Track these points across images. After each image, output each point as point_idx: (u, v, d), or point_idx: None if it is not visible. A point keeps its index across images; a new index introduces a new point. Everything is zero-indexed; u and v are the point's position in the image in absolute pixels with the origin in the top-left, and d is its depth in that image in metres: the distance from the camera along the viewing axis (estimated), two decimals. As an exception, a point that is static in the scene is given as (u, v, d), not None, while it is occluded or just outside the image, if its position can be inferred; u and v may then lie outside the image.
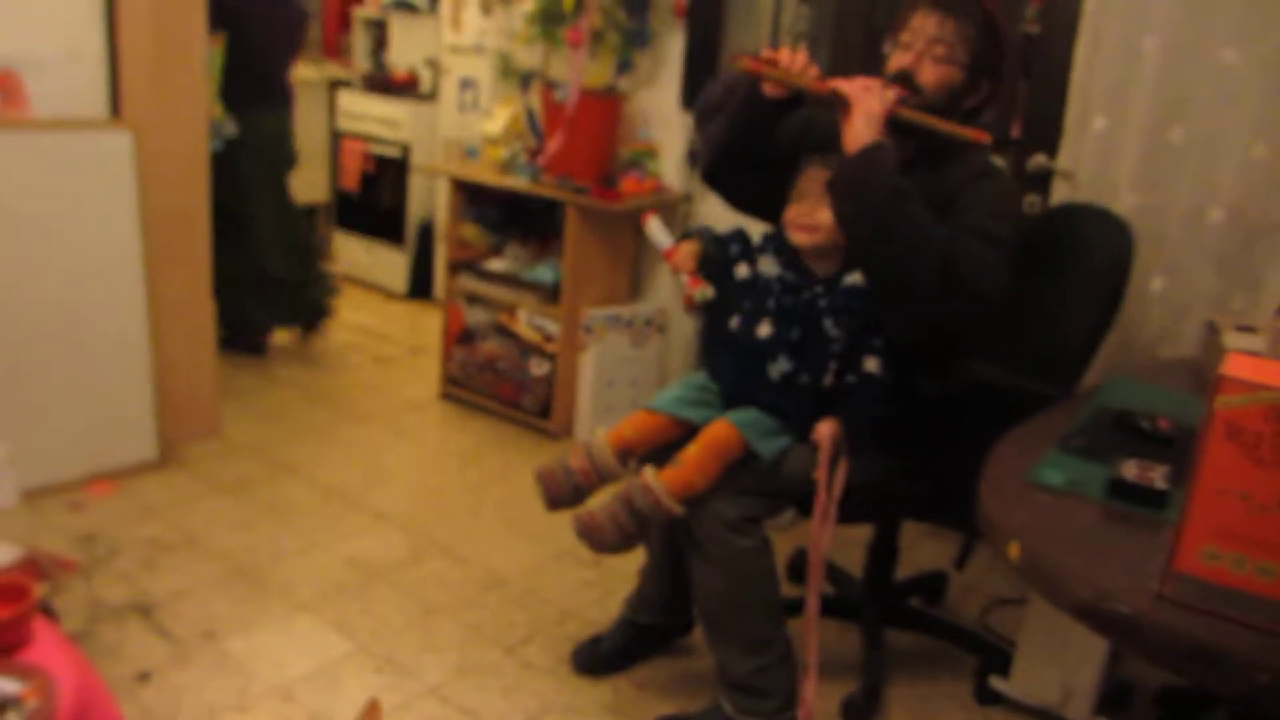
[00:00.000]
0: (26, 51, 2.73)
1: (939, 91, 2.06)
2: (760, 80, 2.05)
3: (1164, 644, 1.19)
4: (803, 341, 2.04)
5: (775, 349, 2.05)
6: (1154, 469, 1.51)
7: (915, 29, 2.06)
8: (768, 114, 2.09)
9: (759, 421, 2.04)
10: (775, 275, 2.09)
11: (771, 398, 2.06)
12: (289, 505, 3.02)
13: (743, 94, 2.09)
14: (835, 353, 2.04)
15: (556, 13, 3.54)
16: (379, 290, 5.30)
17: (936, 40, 2.04)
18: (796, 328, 2.04)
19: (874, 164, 1.93)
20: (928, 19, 2.04)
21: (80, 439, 2.98)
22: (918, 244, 1.88)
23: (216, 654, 2.32)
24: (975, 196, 2.01)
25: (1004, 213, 2.03)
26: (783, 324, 2.05)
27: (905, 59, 2.07)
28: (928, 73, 2.05)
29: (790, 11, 3.69)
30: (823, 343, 2.04)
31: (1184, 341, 2.57)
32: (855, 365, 2.05)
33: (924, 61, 2.05)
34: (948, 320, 1.92)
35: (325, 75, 5.63)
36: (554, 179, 3.58)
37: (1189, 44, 2.47)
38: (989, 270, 1.91)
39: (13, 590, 1.57)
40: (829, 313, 2.03)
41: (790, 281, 2.08)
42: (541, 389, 3.63)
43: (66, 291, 2.87)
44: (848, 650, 2.53)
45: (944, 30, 2.04)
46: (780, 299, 2.06)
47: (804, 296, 2.06)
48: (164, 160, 3.06)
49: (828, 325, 2.03)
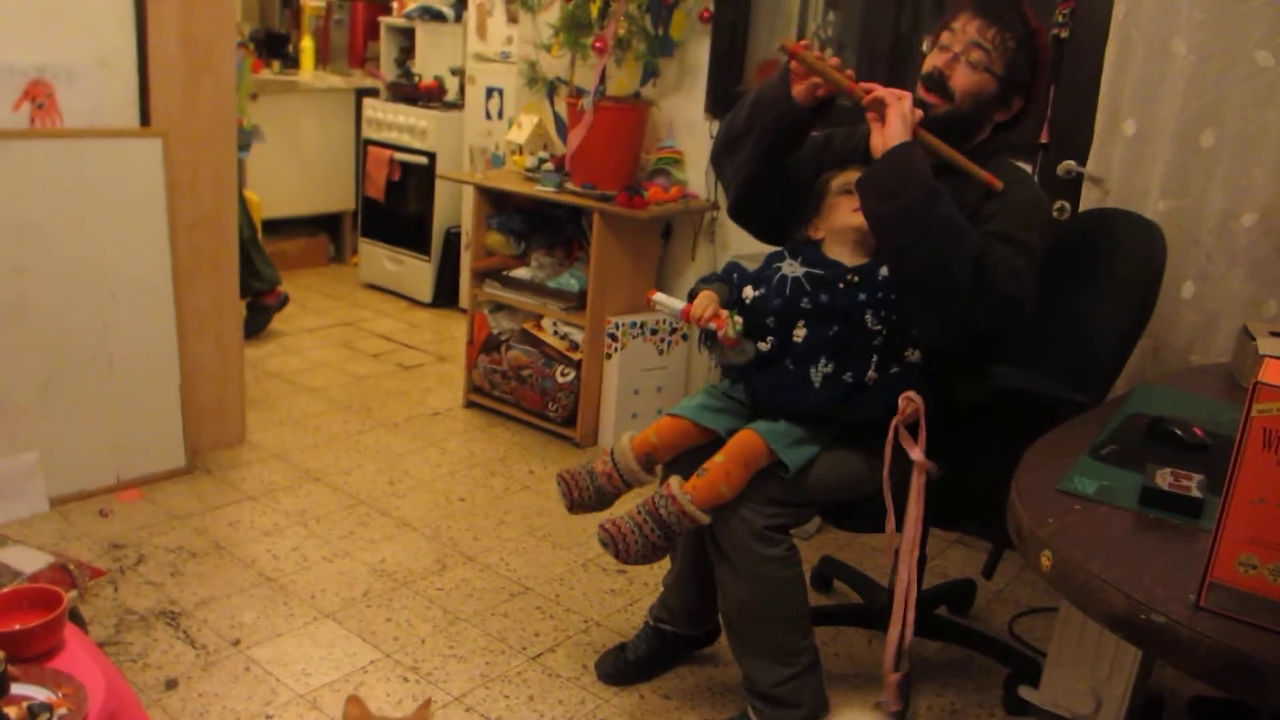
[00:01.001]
0: (58, 61, 2.76)
1: (968, 99, 2.04)
2: (794, 77, 2.02)
3: (1201, 655, 1.17)
4: (842, 338, 2.01)
5: (815, 351, 2.02)
6: (1189, 477, 1.49)
7: (956, 30, 2.05)
8: (798, 122, 2.07)
9: (787, 430, 2.02)
10: (801, 274, 2.06)
11: (813, 404, 2.03)
12: (314, 513, 3.03)
13: (771, 109, 2.07)
14: (877, 346, 2.01)
15: (582, 21, 3.55)
16: (404, 299, 5.32)
17: (975, 45, 2.02)
18: (835, 324, 2.01)
19: (908, 163, 1.91)
20: (970, 22, 2.04)
21: (109, 447, 3.00)
22: (951, 246, 1.85)
23: (243, 661, 2.33)
24: (1003, 204, 1.99)
25: (1032, 222, 2.00)
26: (819, 323, 2.02)
27: (940, 59, 2.05)
28: (961, 76, 2.03)
29: (816, 17, 3.68)
30: (864, 338, 2.01)
31: (1217, 347, 2.54)
32: (898, 356, 2.02)
33: (959, 64, 2.03)
34: (980, 324, 1.88)
35: (351, 84, 5.67)
36: (579, 186, 3.58)
37: (1221, 47, 2.43)
38: (1019, 275, 1.89)
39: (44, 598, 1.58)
40: (869, 306, 2.00)
41: (820, 276, 2.04)
42: (567, 397, 3.63)
43: (97, 299, 2.90)
44: (874, 660, 2.51)
45: (984, 36, 2.02)
46: (815, 298, 2.03)
47: (840, 290, 2.02)
48: (193, 168, 3.09)
49: (869, 319, 2.00)
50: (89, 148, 2.83)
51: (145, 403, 3.06)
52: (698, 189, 3.70)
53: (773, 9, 3.67)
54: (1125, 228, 2.28)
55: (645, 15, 3.55)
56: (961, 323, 1.89)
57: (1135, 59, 2.58)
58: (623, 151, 3.62)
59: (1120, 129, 2.63)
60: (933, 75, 2.05)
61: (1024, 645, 2.60)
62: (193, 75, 3.03)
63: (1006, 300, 1.87)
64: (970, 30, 2.03)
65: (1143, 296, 2.13)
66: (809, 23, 3.70)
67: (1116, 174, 2.65)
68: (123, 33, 2.86)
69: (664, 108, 3.75)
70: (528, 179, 3.79)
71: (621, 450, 2.12)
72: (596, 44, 3.51)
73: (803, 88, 2.02)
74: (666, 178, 3.67)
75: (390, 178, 5.21)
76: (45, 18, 2.72)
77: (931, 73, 2.05)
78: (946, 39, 2.06)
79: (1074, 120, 2.78)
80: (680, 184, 3.67)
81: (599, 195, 3.52)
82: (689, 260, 3.79)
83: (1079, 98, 2.76)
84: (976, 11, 2.04)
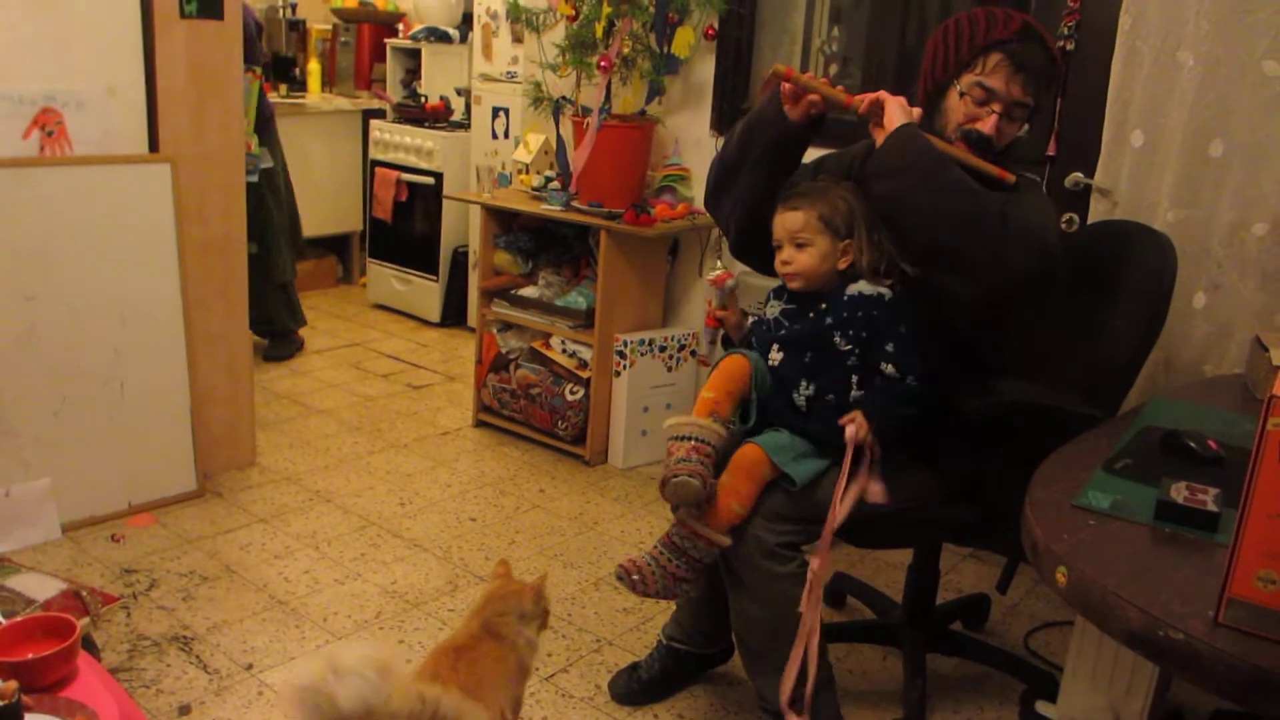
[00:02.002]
0: (67, 89, 2.78)
1: (1004, 141, 2.05)
2: (786, 98, 2.03)
3: (1221, 672, 1.16)
4: (816, 363, 2.04)
5: (794, 376, 2.05)
6: (1204, 490, 1.48)
7: (995, 89, 2.00)
8: (795, 139, 2.08)
9: (790, 444, 2.03)
10: (778, 312, 2.13)
11: (803, 424, 2.05)
12: (325, 535, 3.03)
13: (767, 129, 2.08)
14: (852, 366, 2.02)
15: (587, 40, 3.56)
16: (413, 319, 5.33)
17: (1018, 105, 2.02)
18: (807, 351, 2.04)
19: (910, 139, 1.91)
20: (1012, 83, 2.00)
21: (120, 472, 3.00)
22: (970, 203, 1.85)
23: (255, 686, 2.32)
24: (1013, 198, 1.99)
25: (1046, 210, 2.02)
26: (793, 349, 2.06)
27: (987, 124, 2.01)
28: (1005, 133, 2.04)
29: (821, 33, 3.69)
30: (836, 359, 2.03)
31: (1230, 358, 2.53)
32: (871, 374, 2.03)
33: (1003, 123, 2.02)
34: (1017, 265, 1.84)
35: (358, 105, 5.69)
36: (586, 205, 3.59)
37: (1228, 57, 2.43)
38: (1046, 230, 1.90)
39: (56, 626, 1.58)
40: (835, 328, 2.02)
41: (792, 311, 2.10)
42: (576, 415, 3.63)
43: (107, 325, 2.91)
44: (889, 677, 2.50)
45: (1026, 94, 2.01)
46: (789, 329, 2.09)
47: (809, 318, 2.06)
48: (201, 193, 3.10)
49: (837, 340, 2.02)
50: (98, 174, 2.84)
51: (156, 427, 3.06)
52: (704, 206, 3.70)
53: (777, 26, 3.69)
54: (1134, 239, 2.28)
55: (650, 34, 3.56)
56: (1001, 272, 1.85)
57: (1142, 70, 2.58)
58: (629, 169, 3.62)
59: (1128, 140, 2.62)
60: (974, 134, 2.02)
61: (1040, 660, 2.58)
62: (200, 101, 3.05)
63: (1035, 241, 1.86)
64: (1014, 91, 2.00)
65: (1153, 308, 2.12)
66: (814, 38, 3.71)
67: (1125, 185, 2.64)
68: (131, 60, 2.88)
69: (670, 125, 3.76)
70: (534, 198, 3.80)
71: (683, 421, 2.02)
72: (601, 63, 3.52)
73: (795, 108, 2.04)
74: (673, 194, 3.68)
75: (397, 198, 5.23)
76: (54, 46, 2.74)
77: (971, 132, 2.02)
78: (980, 94, 2.01)
79: (1081, 132, 2.78)
80: (686, 201, 3.68)
81: (605, 213, 3.53)
82: (696, 276, 3.79)
83: (1086, 110, 2.76)
84: (1017, 69, 1.99)
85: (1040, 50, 2.02)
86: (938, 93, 2.08)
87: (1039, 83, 2.02)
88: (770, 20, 3.66)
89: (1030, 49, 2.01)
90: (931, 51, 2.10)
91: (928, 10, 3.38)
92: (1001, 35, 2.00)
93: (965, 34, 2.04)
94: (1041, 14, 2.96)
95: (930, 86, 2.10)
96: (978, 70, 2.02)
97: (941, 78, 2.07)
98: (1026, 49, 2.00)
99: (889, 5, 3.34)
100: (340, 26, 5.86)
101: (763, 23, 3.64)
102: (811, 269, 2.05)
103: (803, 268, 2.06)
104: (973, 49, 2.02)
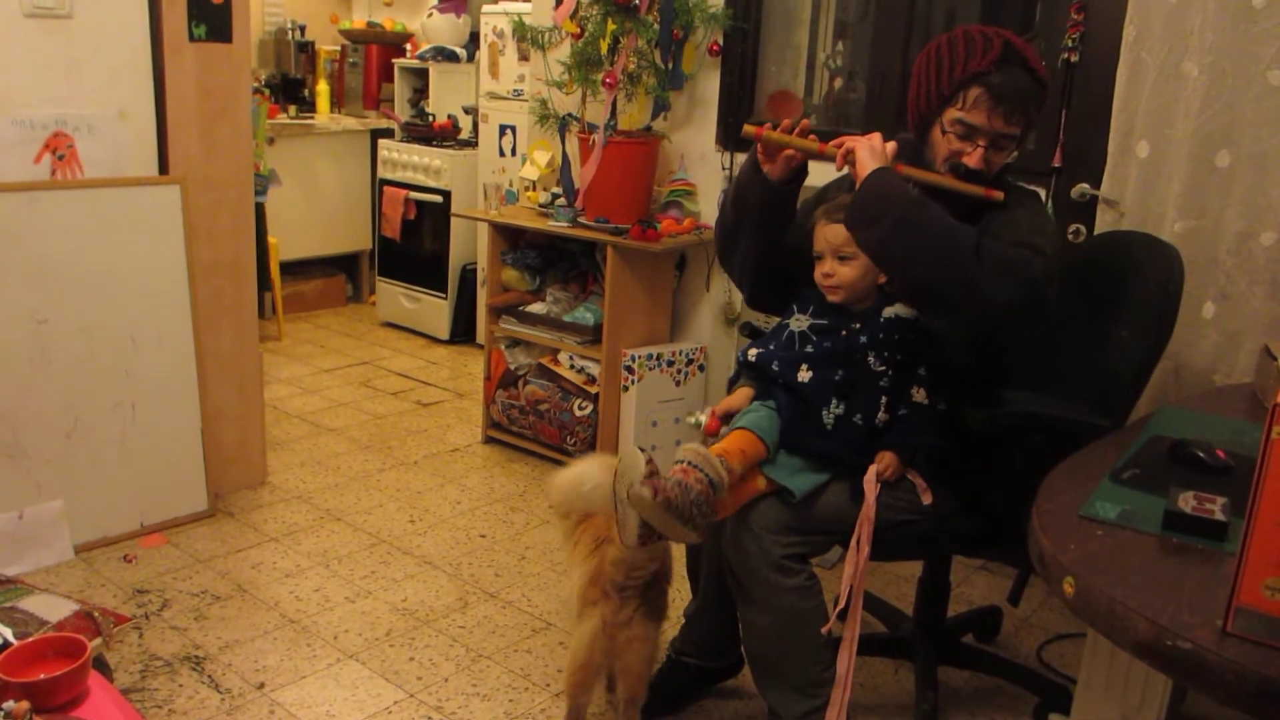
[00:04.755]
0: (78, 113, 2.80)
1: (994, 169, 2.05)
2: (762, 157, 2.07)
3: (1230, 681, 1.15)
4: (849, 382, 2.02)
5: (824, 393, 2.02)
6: (1212, 500, 1.48)
7: (977, 125, 1.99)
8: (779, 196, 2.11)
9: (786, 462, 2.03)
10: (806, 327, 2.10)
11: (826, 445, 2.03)
12: (336, 553, 3.04)
13: (751, 192, 2.11)
14: (884, 388, 2.02)
15: (592, 57, 3.58)
16: (422, 336, 5.35)
17: (1001, 135, 2.00)
18: (839, 369, 2.03)
19: (883, 185, 1.92)
20: (994, 116, 1.98)
21: (132, 492, 3.02)
22: (947, 243, 1.85)
23: (267, 705, 2.32)
24: (1006, 221, 1.99)
25: (1039, 230, 1.99)
26: (824, 368, 2.03)
27: (972, 158, 2.00)
28: (993, 162, 2.03)
29: (825, 47, 3.71)
30: (870, 379, 2.02)
31: (1239, 367, 2.52)
32: (904, 397, 2.03)
33: (989, 153, 2.01)
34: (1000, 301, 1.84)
35: (367, 125, 5.73)
36: (593, 221, 3.60)
37: (1233, 68, 2.43)
38: (1027, 260, 1.88)
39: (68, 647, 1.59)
40: (870, 348, 2.02)
41: (824, 326, 2.08)
42: (585, 430, 3.63)
43: (119, 346, 2.92)
44: (901, 690, 2.49)
45: (1009, 124, 1.99)
46: (818, 345, 2.06)
47: (842, 336, 2.05)
48: (211, 214, 3.13)
49: (872, 361, 2.02)
50: (109, 197, 2.86)
51: (167, 447, 3.08)
52: (710, 220, 3.71)
53: (781, 40, 3.70)
54: (1141, 249, 2.27)
55: (655, 50, 3.58)
56: (982, 307, 1.85)
57: (1147, 81, 2.58)
58: (635, 185, 3.64)
59: (1133, 151, 2.62)
60: (961, 168, 2.01)
61: (1054, 672, 2.57)
62: (209, 123, 3.08)
63: (1023, 279, 1.85)
64: (996, 124, 1.98)
65: (1161, 318, 2.11)
66: (818, 53, 3.72)
67: (1131, 196, 2.64)
68: (141, 84, 2.91)
69: (675, 140, 3.77)
70: (541, 214, 3.81)
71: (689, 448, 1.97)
72: (607, 79, 3.54)
73: (773, 165, 2.07)
74: (679, 210, 3.69)
75: (406, 217, 5.25)
76: (65, 71, 2.76)
77: (959, 166, 2.02)
78: (963, 129, 2.00)
79: (1086, 143, 2.78)
80: (693, 216, 3.69)
81: (612, 229, 3.54)
82: (704, 291, 3.80)
83: (1091, 121, 2.76)
84: (997, 102, 1.96)
85: (1022, 74, 1.97)
86: (924, 125, 2.08)
87: (1023, 109, 1.99)
88: (774, 35, 3.68)
89: (1011, 76, 1.96)
90: (915, 81, 2.09)
91: (932, 24, 3.39)
92: (979, 67, 1.97)
93: (945, 65, 2.01)
94: (1046, 26, 2.98)
95: (916, 119, 2.10)
96: (958, 105, 2.00)
97: (926, 111, 2.06)
98: (1007, 78, 1.96)
99: (893, 20, 3.35)
100: (348, 47, 5.90)
101: (767, 38, 3.65)
102: (854, 281, 2.05)
103: (845, 280, 2.06)
104: (952, 83, 2.00)
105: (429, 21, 5.46)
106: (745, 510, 2.01)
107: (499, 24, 4.79)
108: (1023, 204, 2.06)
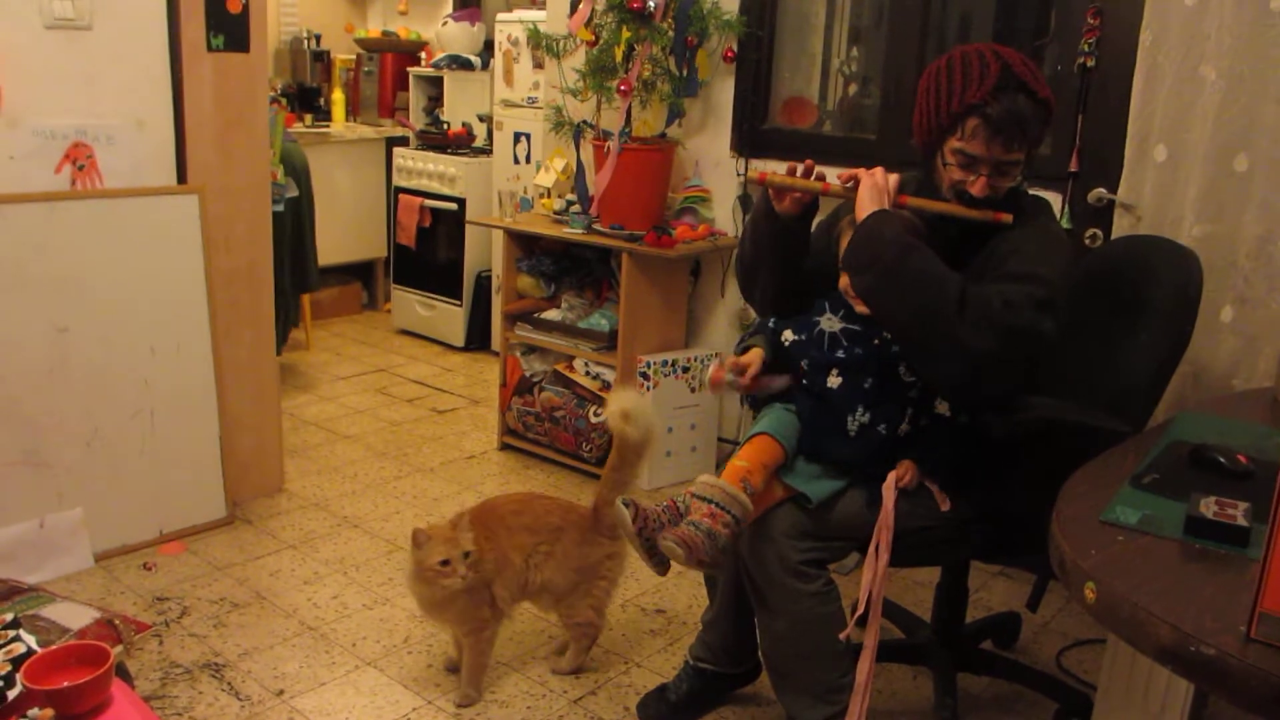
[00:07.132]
0: (98, 124, 2.83)
1: (1001, 193, 2.03)
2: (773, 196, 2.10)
3: (1253, 687, 1.15)
4: (877, 390, 2.02)
5: (852, 400, 2.02)
6: (1234, 505, 1.47)
7: (977, 155, 1.97)
8: (793, 232, 2.14)
9: (804, 468, 2.03)
10: (839, 329, 2.08)
11: (846, 452, 2.03)
12: (354, 560, 3.04)
13: (765, 229, 2.14)
14: (912, 399, 2.02)
15: (607, 65, 3.59)
16: (437, 343, 5.36)
17: (1002, 163, 1.99)
18: (869, 377, 2.02)
19: (876, 231, 1.94)
20: (993, 145, 1.95)
21: (151, 500, 3.03)
22: (929, 294, 1.86)
23: (286, 712, 2.33)
24: (1014, 244, 1.99)
25: (1046, 257, 1.97)
26: (854, 374, 2.03)
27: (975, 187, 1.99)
28: (997, 187, 2.01)
29: (840, 54, 3.71)
30: (899, 390, 2.02)
31: (1260, 371, 2.51)
32: (928, 408, 2.03)
33: (993, 180, 2.00)
34: (979, 357, 1.85)
35: (382, 133, 5.75)
36: (608, 227, 3.60)
37: (1251, 71, 2.43)
38: (1013, 303, 1.87)
39: (90, 655, 1.60)
40: (901, 358, 2.01)
41: (856, 332, 2.06)
42: (600, 437, 3.63)
43: (138, 355, 2.94)
44: (919, 697, 2.48)
45: (1009, 152, 1.97)
46: (849, 350, 2.05)
47: (874, 345, 2.04)
48: (229, 223, 3.15)
49: (903, 371, 2.01)
50: (128, 207, 2.88)
51: (186, 455, 3.09)
52: (725, 226, 3.71)
53: (796, 46, 3.70)
54: (1159, 254, 2.26)
55: (669, 57, 3.58)
56: (961, 361, 1.86)
57: (1164, 85, 2.57)
58: (649, 192, 3.64)
59: (1151, 155, 2.62)
60: (966, 196, 2.01)
61: (1073, 679, 2.56)
62: (227, 133, 3.10)
63: (1002, 328, 1.84)
64: (996, 152, 1.96)
65: (1180, 323, 2.10)
66: (833, 59, 3.72)
67: (1148, 200, 2.64)
68: (159, 94, 2.93)
69: (690, 147, 3.78)
70: (556, 221, 3.82)
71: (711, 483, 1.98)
72: (621, 87, 3.55)
73: (784, 204, 2.10)
74: (694, 216, 3.70)
75: (421, 224, 5.27)
76: (85, 82, 2.79)
77: (964, 194, 2.01)
78: (964, 159, 1.99)
79: (1103, 148, 2.77)
80: (708, 222, 3.69)
81: (627, 235, 3.54)
82: (719, 297, 3.80)
83: (1107, 125, 2.75)
84: (995, 132, 1.94)
85: (1021, 99, 1.94)
86: (929, 152, 2.08)
87: (1024, 135, 1.96)
88: (789, 41, 3.68)
89: (1009, 103, 1.93)
90: (917, 109, 2.08)
91: (946, 29, 3.39)
92: (974, 98, 1.94)
93: (944, 95, 1.99)
94: (1062, 32, 2.97)
95: (921, 144, 2.10)
96: (958, 136, 1.98)
97: (928, 140, 2.06)
98: (1005, 105, 1.93)
99: (908, 25, 3.35)
100: (364, 56, 5.93)
101: (781, 44, 3.66)
102: None
103: None
104: (950, 114, 1.98)
105: (444, 30, 5.49)
106: (763, 516, 2.01)
107: (514, 32, 4.81)
108: (1032, 221, 2.04)
